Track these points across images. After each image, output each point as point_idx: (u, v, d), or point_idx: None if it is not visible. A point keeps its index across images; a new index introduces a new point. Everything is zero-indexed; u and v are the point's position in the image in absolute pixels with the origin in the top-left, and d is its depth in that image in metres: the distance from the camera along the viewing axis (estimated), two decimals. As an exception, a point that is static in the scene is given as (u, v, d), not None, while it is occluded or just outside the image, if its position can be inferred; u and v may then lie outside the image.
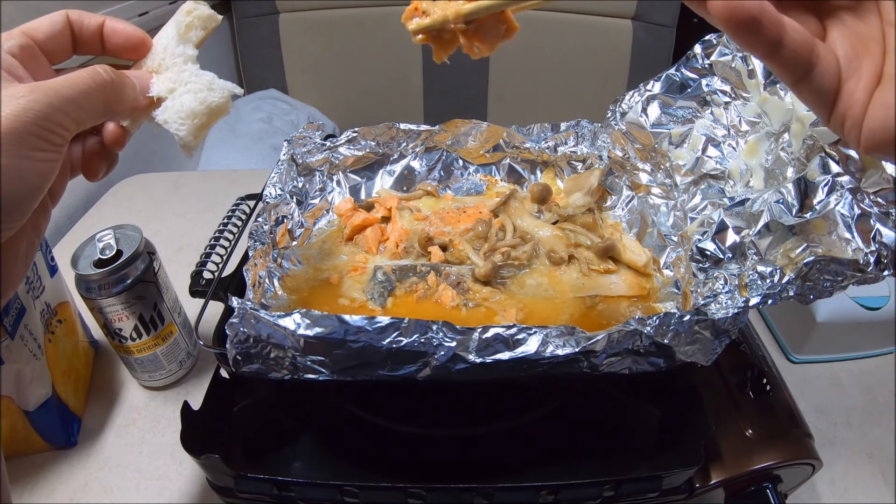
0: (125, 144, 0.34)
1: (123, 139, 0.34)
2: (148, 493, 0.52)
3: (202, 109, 0.34)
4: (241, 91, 0.36)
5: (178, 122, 0.34)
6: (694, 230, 0.50)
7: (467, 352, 0.35)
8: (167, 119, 0.34)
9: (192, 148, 0.35)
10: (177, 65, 0.34)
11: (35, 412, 0.51)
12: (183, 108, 0.34)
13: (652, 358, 0.38)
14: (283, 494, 0.43)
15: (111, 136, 0.33)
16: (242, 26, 1.45)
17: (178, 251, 0.82)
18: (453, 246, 0.55)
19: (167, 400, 0.60)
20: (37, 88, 0.27)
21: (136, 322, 0.54)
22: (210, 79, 0.35)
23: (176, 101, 0.34)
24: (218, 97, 0.35)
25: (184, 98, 0.34)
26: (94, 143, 0.34)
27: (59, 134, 0.27)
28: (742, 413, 0.46)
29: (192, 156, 0.35)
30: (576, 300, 0.51)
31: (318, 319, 0.35)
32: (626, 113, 0.59)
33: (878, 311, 0.58)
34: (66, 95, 0.27)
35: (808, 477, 0.45)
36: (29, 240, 0.31)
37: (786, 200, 0.43)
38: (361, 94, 1.50)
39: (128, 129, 0.34)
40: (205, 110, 0.34)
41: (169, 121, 0.34)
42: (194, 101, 0.34)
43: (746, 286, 0.41)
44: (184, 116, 0.34)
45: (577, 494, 0.42)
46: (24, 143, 0.26)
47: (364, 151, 0.64)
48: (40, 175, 0.27)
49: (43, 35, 0.31)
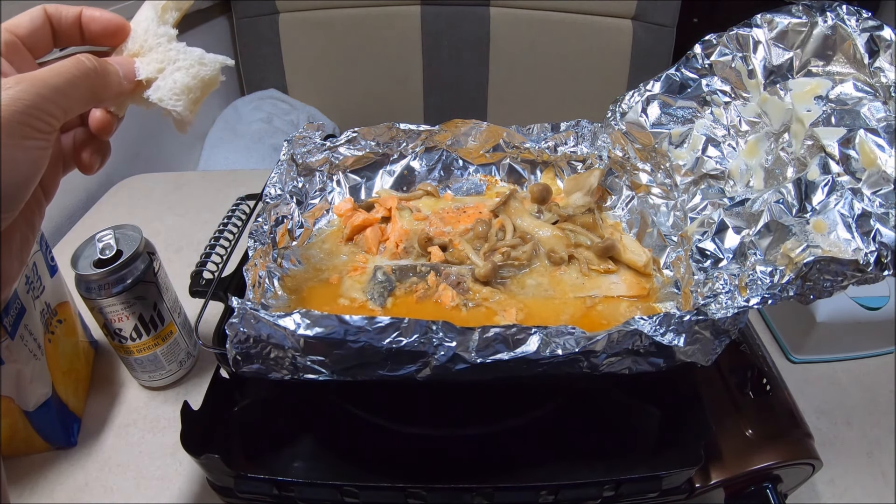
0: (113, 131, 0.35)
1: (111, 125, 0.34)
2: (148, 493, 0.52)
3: (196, 84, 0.35)
4: (231, 62, 0.37)
5: (173, 98, 0.34)
6: (694, 230, 0.50)
7: (467, 352, 0.35)
8: (162, 97, 0.34)
9: (188, 123, 0.36)
10: (161, 45, 0.35)
11: (35, 412, 0.51)
12: (176, 84, 0.34)
13: (652, 358, 0.38)
14: (283, 494, 0.43)
15: (97, 122, 0.34)
16: (242, 26, 1.45)
17: (178, 251, 0.82)
18: (453, 246, 0.55)
19: (167, 400, 0.60)
20: (23, 79, 0.27)
21: (136, 322, 0.54)
22: (199, 54, 0.35)
23: (167, 79, 0.34)
24: (210, 70, 0.35)
25: (176, 75, 0.34)
26: (83, 133, 0.35)
27: (48, 122, 0.28)
28: (742, 413, 0.46)
29: (186, 132, 0.36)
30: (576, 300, 0.51)
31: (318, 319, 0.35)
32: (626, 113, 0.59)
33: (878, 311, 0.58)
34: (53, 85, 0.28)
35: (808, 477, 0.45)
36: (23, 235, 0.31)
37: (786, 200, 0.43)
38: (361, 94, 1.50)
39: (115, 113, 0.34)
40: (199, 84, 0.35)
41: (164, 98, 0.34)
42: (187, 76, 0.35)
43: (746, 286, 0.41)
44: (178, 92, 0.34)
45: (577, 494, 0.42)
46: (15, 133, 0.26)
47: (364, 151, 0.64)
48: (32, 163, 0.28)
49: (24, 31, 0.32)
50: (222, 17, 1.46)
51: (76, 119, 0.34)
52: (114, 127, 0.35)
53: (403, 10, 1.37)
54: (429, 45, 1.40)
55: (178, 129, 0.36)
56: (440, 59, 1.42)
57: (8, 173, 0.26)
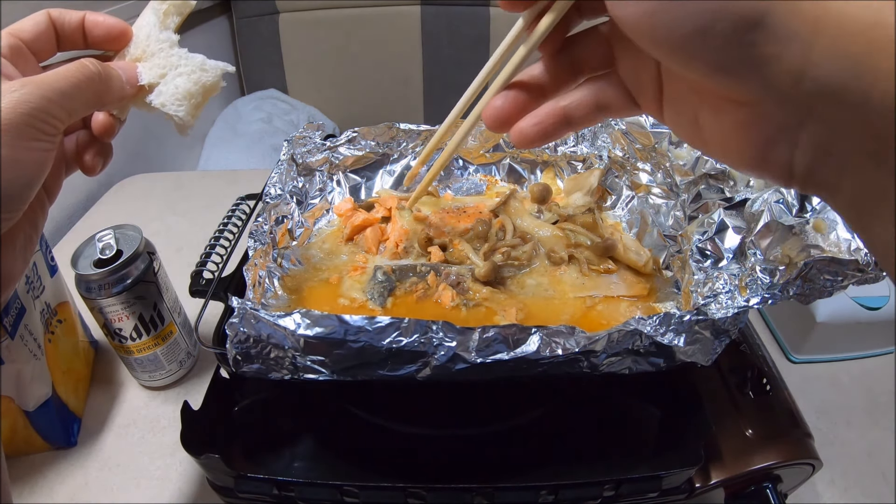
0: (115, 134, 0.35)
1: (113, 128, 0.35)
2: (148, 493, 0.52)
3: (197, 89, 0.35)
4: (232, 69, 0.37)
5: (175, 103, 0.35)
6: (694, 230, 0.50)
7: (467, 352, 0.35)
8: (164, 102, 0.35)
9: (189, 126, 0.36)
10: (163, 50, 0.35)
11: (35, 412, 0.51)
12: (178, 90, 0.35)
13: (652, 358, 0.38)
14: (283, 494, 0.43)
15: (100, 125, 0.34)
16: (242, 26, 1.45)
17: (178, 251, 0.82)
18: (453, 246, 0.55)
19: (167, 400, 0.60)
20: (29, 83, 0.28)
21: (136, 322, 0.54)
22: (201, 60, 0.36)
23: (169, 84, 0.35)
24: (211, 77, 0.36)
25: (178, 80, 0.35)
26: (86, 136, 0.35)
27: (53, 125, 0.28)
28: (742, 413, 0.46)
29: (188, 135, 0.36)
30: (576, 300, 0.51)
31: (318, 319, 0.35)
32: (626, 113, 0.59)
33: (878, 311, 0.58)
34: (58, 88, 0.28)
35: (808, 477, 0.45)
36: (26, 235, 0.31)
37: (786, 200, 0.43)
38: (361, 94, 1.50)
39: (117, 116, 0.35)
40: (200, 90, 0.35)
41: (166, 103, 0.35)
42: (189, 82, 0.35)
43: (746, 286, 0.41)
44: (180, 98, 0.35)
45: (577, 494, 0.42)
46: (21, 134, 0.27)
47: (364, 151, 0.64)
48: (36, 164, 0.28)
49: (28, 35, 0.32)
50: (222, 17, 1.46)
51: (79, 122, 0.35)
52: (116, 130, 0.35)
53: (403, 10, 1.37)
54: (429, 45, 1.40)
55: (180, 132, 0.36)
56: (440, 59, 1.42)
57: (13, 174, 0.27)
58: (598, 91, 0.31)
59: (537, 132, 0.30)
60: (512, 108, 0.31)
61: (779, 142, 0.23)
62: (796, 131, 0.23)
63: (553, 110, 0.31)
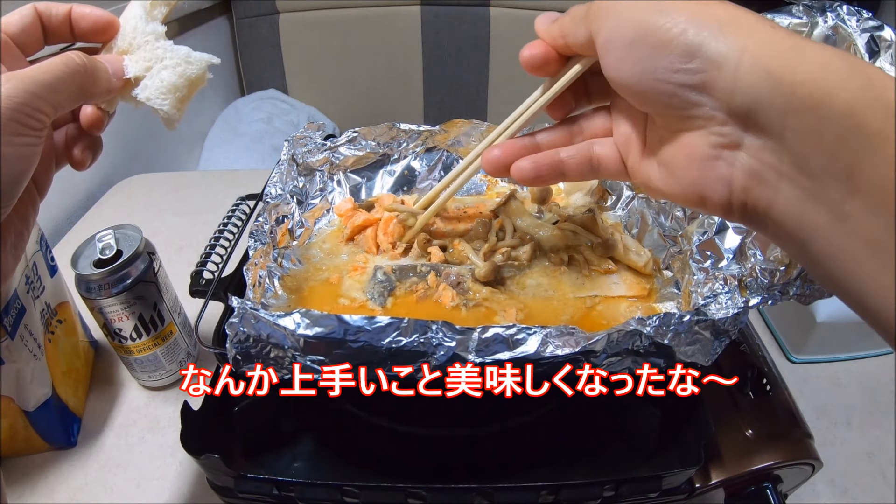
0: (104, 127, 0.35)
1: (101, 121, 0.35)
2: (148, 493, 0.52)
3: (182, 83, 0.35)
4: (217, 60, 0.37)
5: (160, 97, 0.34)
6: (694, 230, 0.50)
7: (467, 352, 0.35)
8: (149, 96, 0.34)
9: (176, 121, 0.36)
10: (149, 43, 0.35)
11: (35, 412, 0.51)
12: (163, 83, 0.34)
13: (652, 358, 0.38)
14: (283, 494, 0.43)
15: (88, 119, 0.34)
16: (242, 26, 1.45)
17: (178, 251, 0.82)
18: (453, 246, 0.55)
19: (167, 400, 0.60)
20: (13, 77, 0.28)
21: (136, 322, 0.54)
22: (186, 52, 0.35)
23: (154, 77, 0.35)
24: (196, 69, 0.35)
25: (162, 74, 0.35)
26: (75, 130, 0.35)
27: (39, 119, 0.28)
28: (742, 413, 0.46)
29: (175, 128, 0.36)
30: (576, 300, 0.51)
31: (318, 319, 0.35)
32: (627, 113, 0.59)
33: (878, 312, 0.58)
34: (43, 82, 0.28)
35: (808, 477, 0.45)
36: (17, 231, 0.31)
37: (786, 200, 0.43)
38: (361, 94, 1.51)
39: (105, 109, 0.35)
40: (185, 83, 0.35)
41: (151, 97, 0.34)
42: (173, 75, 0.35)
43: (746, 286, 0.41)
44: (165, 91, 0.34)
45: (577, 494, 0.42)
46: (6, 129, 0.27)
47: (364, 151, 0.64)
48: (23, 159, 0.28)
49: (15, 29, 0.32)
50: (222, 17, 1.46)
51: (67, 115, 0.35)
52: (105, 123, 0.35)
53: (403, 10, 1.37)
54: (429, 45, 1.40)
55: (167, 126, 0.36)
56: (440, 59, 1.42)
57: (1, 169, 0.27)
58: (595, 150, 0.37)
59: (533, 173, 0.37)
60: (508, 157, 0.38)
61: (718, 159, 0.28)
62: (735, 151, 0.27)
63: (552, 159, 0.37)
